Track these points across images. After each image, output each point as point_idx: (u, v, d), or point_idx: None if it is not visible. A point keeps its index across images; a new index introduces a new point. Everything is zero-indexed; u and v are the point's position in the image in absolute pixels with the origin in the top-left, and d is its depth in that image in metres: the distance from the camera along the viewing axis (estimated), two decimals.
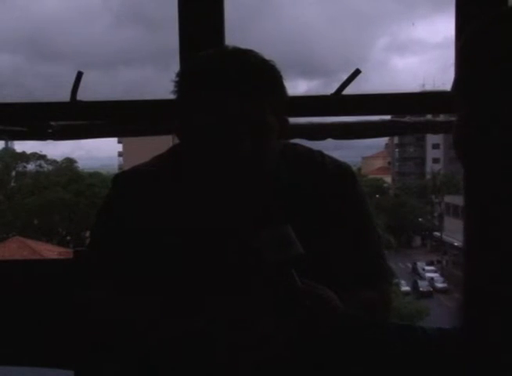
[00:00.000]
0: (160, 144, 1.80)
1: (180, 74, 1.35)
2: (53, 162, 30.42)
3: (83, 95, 2.16)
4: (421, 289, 26.88)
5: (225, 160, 1.28)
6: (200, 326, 1.20)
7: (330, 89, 2.11)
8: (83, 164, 31.76)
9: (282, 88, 1.33)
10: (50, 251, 18.47)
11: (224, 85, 1.26)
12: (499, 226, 0.91)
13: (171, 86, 1.34)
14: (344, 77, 2.09)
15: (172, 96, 1.35)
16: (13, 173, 30.32)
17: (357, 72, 2.08)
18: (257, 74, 1.28)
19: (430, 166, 39.96)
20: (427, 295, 26.07)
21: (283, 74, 1.33)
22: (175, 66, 2.00)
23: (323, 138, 2.15)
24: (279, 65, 1.33)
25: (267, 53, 1.34)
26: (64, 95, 2.15)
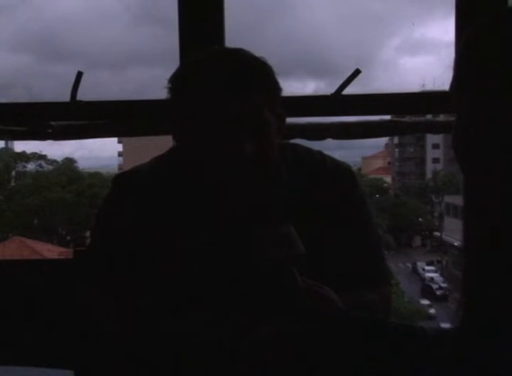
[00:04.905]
0: (160, 144, 1.79)
1: (174, 78, 1.34)
2: (53, 162, 30.37)
3: (92, 94, 2.16)
4: (438, 293, 25.31)
5: (225, 160, 1.27)
6: (199, 327, 1.21)
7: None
8: (83, 164, 31.78)
9: (275, 83, 1.33)
10: (50, 251, 18.44)
11: (219, 87, 1.26)
12: (499, 226, 0.91)
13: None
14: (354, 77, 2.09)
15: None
16: (13, 173, 30.27)
17: (357, 72, 2.08)
18: (251, 72, 1.27)
19: (431, 166, 39.91)
20: (444, 299, 24.23)
21: (291, 73, 1.33)
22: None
23: (323, 138, 2.15)
24: (288, 64, 1.33)
25: (276, 53, 1.34)
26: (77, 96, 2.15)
